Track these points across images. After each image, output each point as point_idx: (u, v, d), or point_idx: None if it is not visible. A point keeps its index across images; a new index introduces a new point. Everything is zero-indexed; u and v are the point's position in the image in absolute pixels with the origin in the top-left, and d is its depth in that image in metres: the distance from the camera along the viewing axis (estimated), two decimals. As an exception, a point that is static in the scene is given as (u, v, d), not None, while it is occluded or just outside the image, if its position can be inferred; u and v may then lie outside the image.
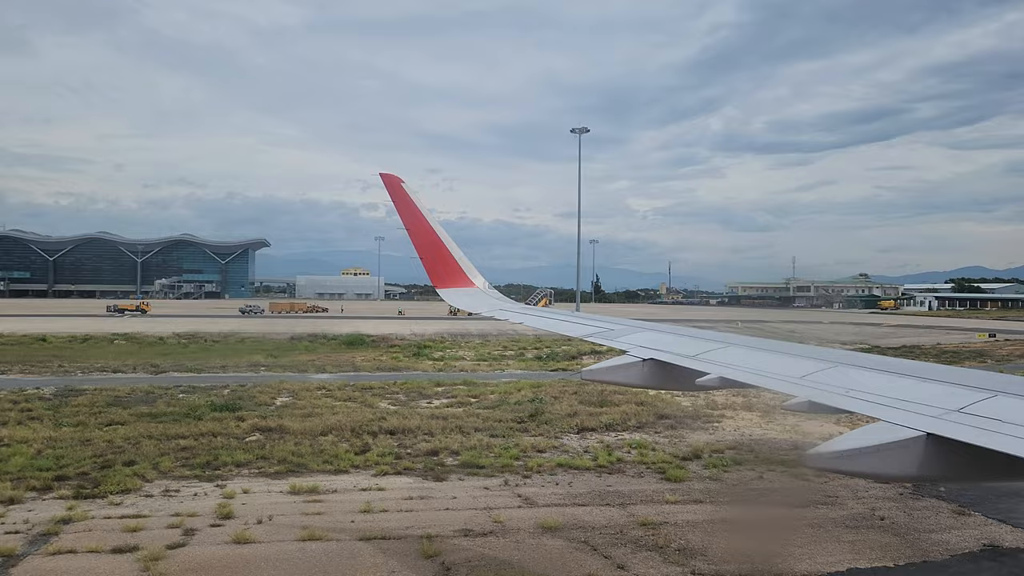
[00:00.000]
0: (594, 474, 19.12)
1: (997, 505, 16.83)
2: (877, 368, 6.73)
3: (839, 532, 14.63)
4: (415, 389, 35.01)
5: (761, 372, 7.15)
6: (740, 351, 8.14)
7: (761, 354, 7.97)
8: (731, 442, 23.74)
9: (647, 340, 9.38)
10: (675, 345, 8.86)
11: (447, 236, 14.62)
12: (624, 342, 9.51)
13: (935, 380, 6.10)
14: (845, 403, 5.94)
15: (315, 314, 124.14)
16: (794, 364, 7.14)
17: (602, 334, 10.44)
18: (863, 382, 6.31)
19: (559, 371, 47.10)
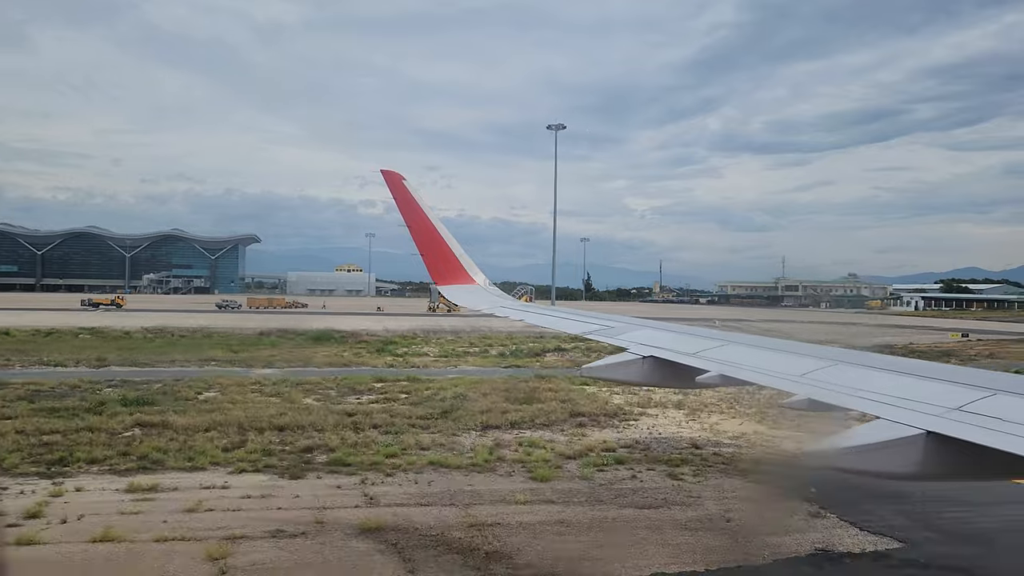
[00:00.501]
0: (463, 473, 18.55)
1: (860, 507, 16.31)
2: (877, 366, 6.62)
3: (674, 534, 14.07)
4: (352, 385, 34.41)
5: (761, 370, 7.07)
6: (740, 349, 8.01)
7: (761, 352, 7.85)
8: (630, 441, 23.21)
9: (647, 338, 9.31)
10: (675, 343, 8.75)
11: (448, 233, 14.37)
12: (624, 340, 9.41)
13: (935, 379, 6.04)
14: (845, 401, 5.91)
15: (294, 310, 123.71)
16: (794, 362, 7.03)
17: (602, 331, 10.32)
18: (863, 380, 6.23)
19: (512, 367, 46.64)
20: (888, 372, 6.43)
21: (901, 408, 5.49)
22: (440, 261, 14.23)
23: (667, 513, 15.54)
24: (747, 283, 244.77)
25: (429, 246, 14.15)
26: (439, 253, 14.20)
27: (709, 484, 18.02)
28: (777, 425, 27.40)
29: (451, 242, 14.60)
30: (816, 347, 7.79)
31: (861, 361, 6.98)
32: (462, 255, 14.64)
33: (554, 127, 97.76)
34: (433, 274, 14.54)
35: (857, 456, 5.15)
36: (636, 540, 13.64)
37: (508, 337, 70.64)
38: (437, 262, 14.23)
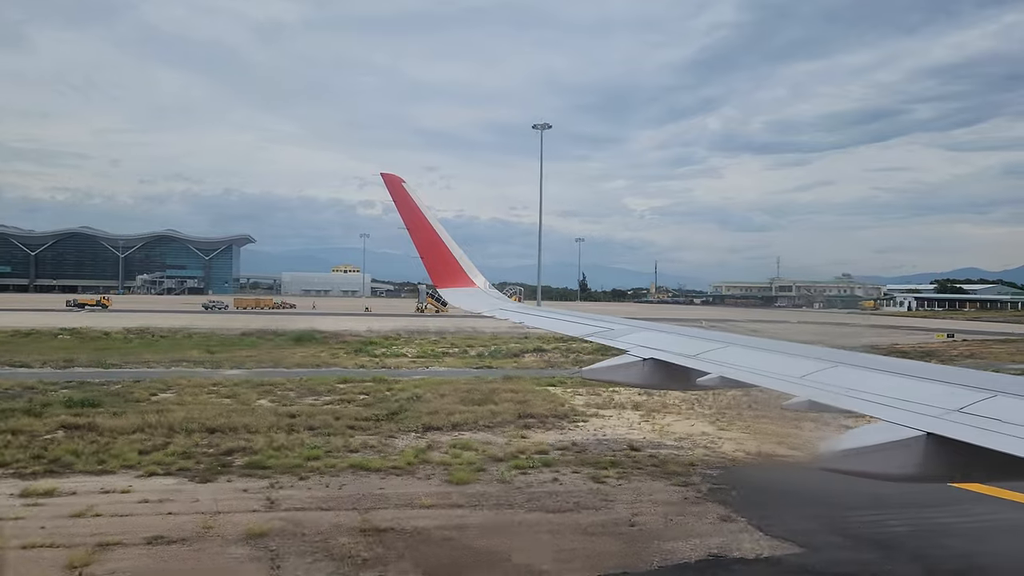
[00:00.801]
0: (380, 476, 18.17)
1: (777, 510, 15.94)
2: (877, 368, 6.62)
3: (570, 539, 13.68)
4: (314, 386, 33.98)
5: (761, 372, 7.05)
6: (741, 351, 7.99)
7: (761, 354, 7.84)
8: (569, 443, 22.83)
9: (648, 340, 9.24)
10: (676, 345, 8.68)
11: (448, 236, 14.36)
12: (625, 342, 9.35)
13: (935, 380, 6.03)
14: (845, 402, 5.91)
15: (281, 311, 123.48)
16: (794, 364, 7.01)
17: (602, 333, 10.27)
18: (863, 382, 6.22)
19: (484, 368, 46.29)
20: (888, 374, 6.41)
21: (901, 410, 5.47)
22: (440, 264, 14.27)
23: (573, 517, 15.15)
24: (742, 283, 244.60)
25: (429, 249, 14.18)
26: (439, 256, 14.24)
27: (630, 487, 17.64)
28: (728, 426, 27.08)
29: (451, 245, 14.60)
30: (817, 349, 7.79)
31: (861, 363, 6.96)
32: (462, 257, 14.64)
33: (539, 126, 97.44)
34: (433, 277, 14.57)
35: (857, 458, 5.13)
36: (526, 545, 13.26)
37: (492, 338, 70.40)
38: (437, 265, 14.27)
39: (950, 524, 15.45)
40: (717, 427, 26.83)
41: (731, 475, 19.25)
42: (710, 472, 19.51)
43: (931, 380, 6.12)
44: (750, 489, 17.73)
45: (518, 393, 32.89)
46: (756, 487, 18.04)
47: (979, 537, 14.60)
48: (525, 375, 41.02)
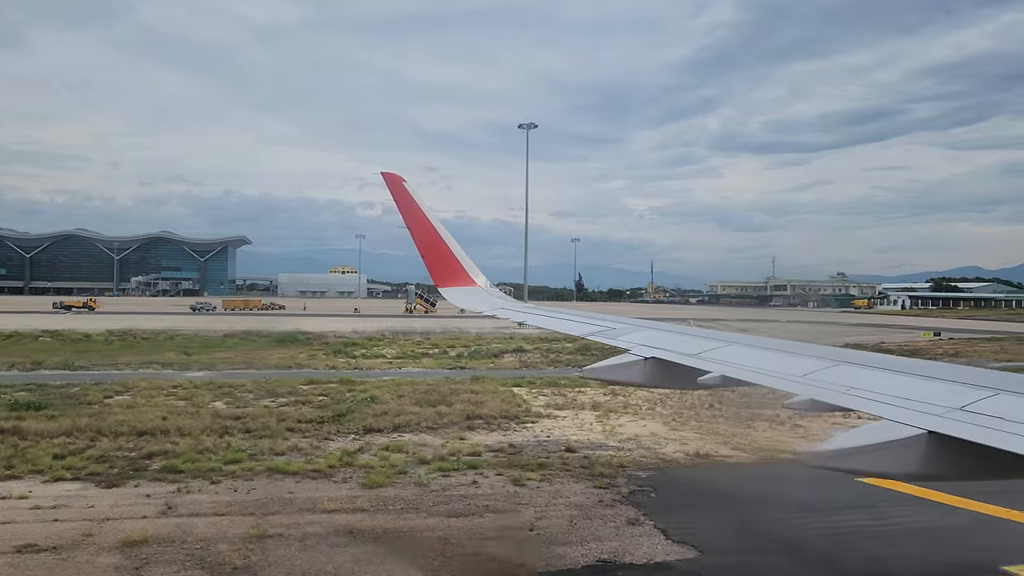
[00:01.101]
0: (296, 480, 17.73)
1: (687, 514, 15.51)
2: (879, 366, 6.61)
3: (458, 545, 13.22)
4: (276, 388, 33.56)
5: (763, 371, 7.04)
6: (742, 350, 7.97)
7: (763, 353, 7.81)
8: (507, 444, 22.38)
9: (649, 339, 9.17)
10: (677, 344, 8.65)
11: (449, 235, 14.28)
12: (626, 341, 9.27)
13: (937, 378, 6.01)
14: (847, 401, 5.86)
15: (270, 312, 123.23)
16: (796, 362, 7.01)
17: (604, 333, 10.19)
18: (865, 380, 6.20)
19: (457, 368, 45.92)
20: (889, 372, 6.40)
21: (903, 408, 5.44)
22: (441, 263, 14.20)
23: (474, 522, 14.70)
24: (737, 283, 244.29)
25: (430, 248, 14.12)
26: (440, 255, 14.18)
27: (549, 490, 17.20)
28: (680, 427, 26.64)
29: (452, 244, 14.52)
30: (818, 347, 7.74)
31: (863, 361, 6.94)
32: (463, 257, 14.56)
33: (525, 126, 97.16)
34: (434, 276, 14.45)
35: (859, 457, 5.12)
36: (408, 551, 12.83)
37: (476, 338, 70.16)
38: (438, 264, 14.20)
39: (864, 527, 15.01)
40: (669, 428, 26.41)
41: (660, 477, 18.81)
42: (639, 474, 19.07)
43: (932, 378, 6.07)
44: (673, 491, 17.31)
45: (478, 394, 32.49)
46: (680, 489, 17.60)
47: (888, 540, 14.15)
48: (496, 376, 40.59)
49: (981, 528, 14.94)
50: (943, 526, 15.04)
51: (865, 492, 17.43)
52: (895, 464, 5.07)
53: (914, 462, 5.00)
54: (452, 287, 14.39)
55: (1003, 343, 75.15)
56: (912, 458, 4.99)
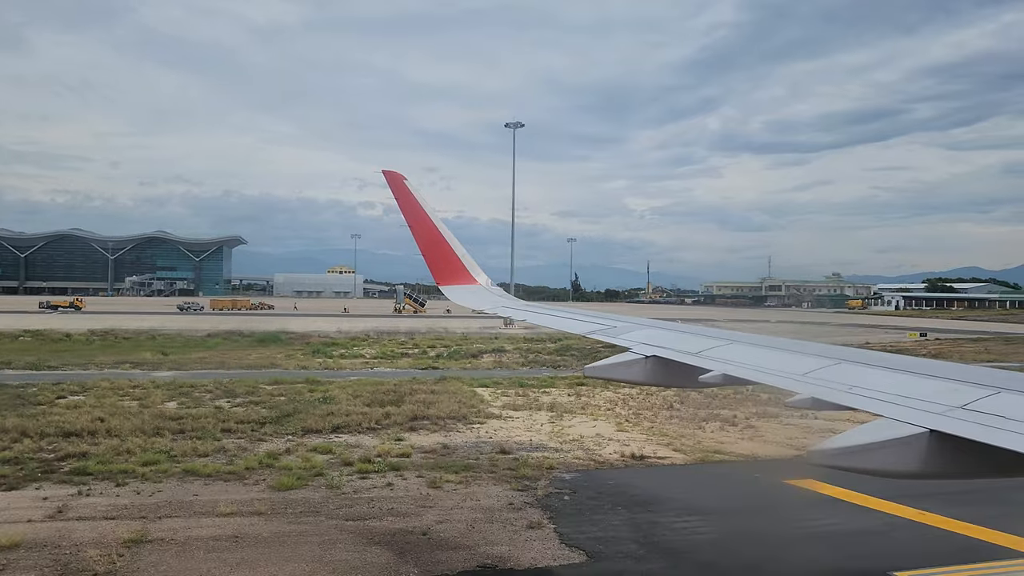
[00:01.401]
0: (205, 482, 17.36)
1: (593, 517, 15.09)
2: (880, 365, 6.65)
3: (344, 550, 12.83)
4: (238, 388, 33.16)
5: (764, 369, 7.09)
6: (743, 348, 8.02)
7: (764, 351, 7.86)
8: (441, 445, 21.98)
9: (650, 337, 9.24)
10: (678, 342, 8.72)
11: (450, 234, 14.32)
12: (627, 339, 9.36)
13: (938, 377, 6.04)
14: (848, 400, 5.90)
15: (259, 311, 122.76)
16: (797, 361, 7.06)
17: (604, 331, 10.28)
18: (866, 379, 6.24)
19: (430, 368, 45.58)
20: (891, 370, 6.42)
21: (904, 406, 5.47)
22: (442, 261, 14.23)
23: (371, 525, 14.32)
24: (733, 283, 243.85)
25: (431, 247, 14.17)
26: (441, 254, 14.22)
27: (464, 492, 16.81)
28: (631, 428, 26.22)
29: (453, 242, 14.55)
30: (820, 346, 7.75)
31: (864, 360, 6.97)
32: (464, 255, 14.58)
33: (512, 125, 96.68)
34: (435, 274, 14.41)
35: (861, 455, 5.13)
36: (285, 556, 12.43)
37: (462, 338, 70.04)
38: (439, 263, 14.21)
39: (766, 531, 14.66)
40: (619, 429, 26.05)
41: (583, 479, 18.44)
42: (564, 476, 18.67)
43: (934, 377, 6.09)
44: (589, 495, 16.91)
45: (437, 395, 32.17)
46: (597, 492, 17.19)
47: (783, 544, 13.79)
48: (469, 376, 40.25)
49: (886, 532, 14.64)
50: (847, 530, 14.72)
51: (784, 495, 17.17)
52: (897, 462, 5.09)
53: (916, 460, 5.02)
54: (453, 285, 14.40)
55: (988, 343, 74.78)
56: (914, 456, 5.02)
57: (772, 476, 19.00)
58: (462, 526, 14.27)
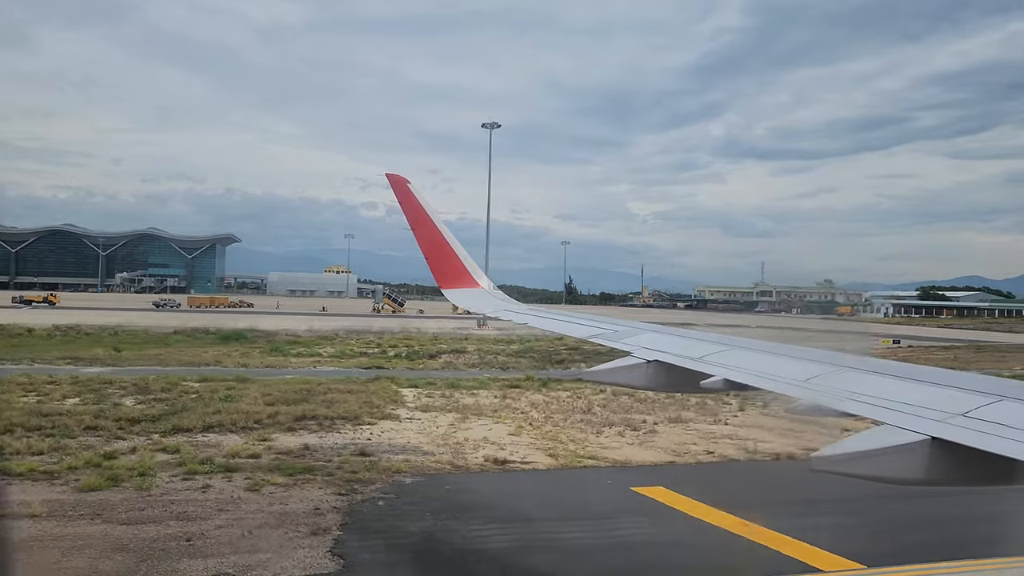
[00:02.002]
0: (12, 480, 16.57)
1: (391, 524, 14.22)
2: (882, 372, 6.70)
3: (86, 556, 11.97)
4: (156, 385, 32.30)
5: (766, 375, 7.13)
6: (745, 354, 8.10)
7: (766, 357, 7.89)
8: (303, 446, 21.12)
9: (652, 342, 9.26)
10: (680, 347, 8.78)
11: (452, 237, 14.55)
12: (628, 343, 9.38)
13: (939, 384, 6.09)
14: (849, 406, 5.95)
15: (236, 309, 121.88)
16: (799, 367, 7.13)
17: (606, 335, 10.32)
18: (868, 386, 6.28)
19: (375, 368, 44.82)
20: (893, 377, 6.44)
21: (906, 413, 5.50)
22: (444, 264, 14.36)
23: (143, 530, 13.46)
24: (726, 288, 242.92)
25: (433, 250, 14.31)
26: (443, 257, 14.36)
27: (276, 496, 16.00)
28: (529, 431, 25.34)
29: (455, 246, 14.65)
30: (823, 352, 7.74)
31: (866, 366, 6.99)
32: (466, 258, 14.67)
33: (488, 125, 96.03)
34: (437, 277, 14.51)
35: (862, 461, 5.13)
36: (22, 563, 11.54)
37: (432, 339, 69.61)
38: (441, 265, 14.35)
39: (564, 538, 13.84)
40: (511, 432, 25.25)
41: (423, 484, 17.66)
42: (405, 480, 17.83)
43: (935, 384, 6.10)
44: (412, 500, 16.14)
45: (354, 393, 31.52)
46: (424, 497, 16.39)
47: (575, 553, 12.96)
48: (411, 376, 39.58)
49: (681, 542, 14.06)
50: (642, 540, 14.10)
51: (615, 502, 16.56)
52: (899, 469, 5.10)
53: (918, 467, 5.05)
54: (455, 288, 14.50)
55: (959, 351, 74.15)
56: (916, 463, 5.04)
57: (624, 483, 18.22)
58: (239, 532, 13.40)
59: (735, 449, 23.38)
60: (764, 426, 27.82)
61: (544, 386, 37.86)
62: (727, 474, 20.51)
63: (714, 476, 20.02)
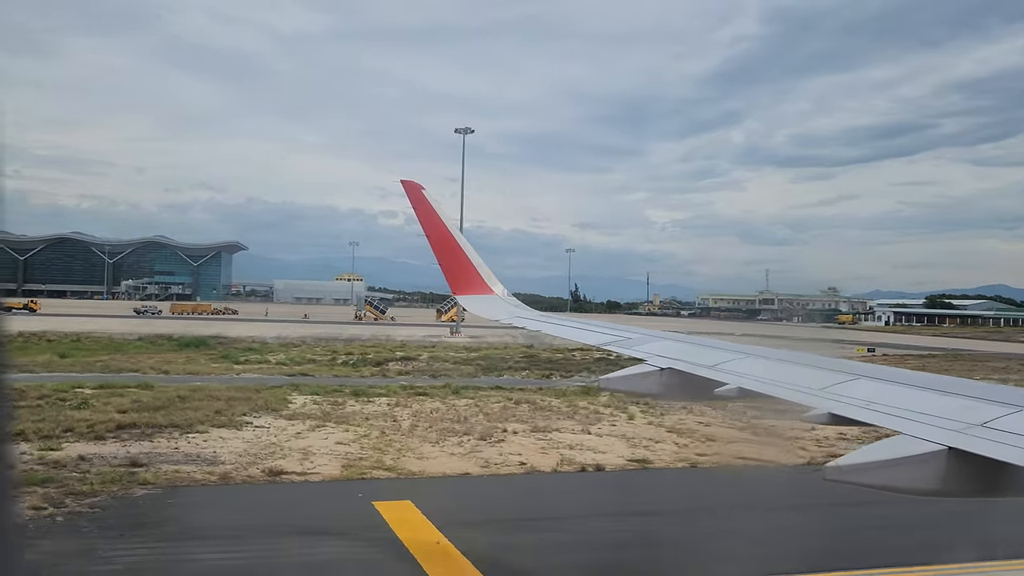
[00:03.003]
0: None
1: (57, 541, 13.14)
2: (899, 381, 6.67)
3: None
4: (32, 392, 31.62)
5: (780, 383, 7.09)
6: (760, 362, 8.02)
7: (781, 365, 7.87)
8: (83, 457, 20.19)
9: (665, 349, 9.21)
10: (694, 355, 8.72)
11: (467, 243, 14.65)
12: (642, 351, 9.32)
13: (958, 394, 6.04)
14: (865, 415, 5.94)
15: (218, 316, 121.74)
16: (814, 376, 7.06)
17: (619, 343, 10.30)
18: (884, 395, 6.24)
19: (302, 375, 44.15)
20: (910, 387, 6.37)
21: (923, 423, 5.40)
22: (458, 271, 14.33)
23: None
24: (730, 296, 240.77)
25: (448, 257, 14.30)
26: (458, 264, 14.35)
27: None
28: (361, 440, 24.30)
29: (470, 252, 14.63)
30: (838, 361, 7.69)
31: (883, 376, 6.95)
32: (481, 265, 14.62)
33: (461, 131, 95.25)
34: (451, 284, 14.56)
35: (875, 471, 5.06)
36: None
37: (399, 346, 69.24)
38: (456, 272, 14.33)
39: (235, 555, 12.68)
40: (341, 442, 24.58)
41: (160, 497, 16.78)
42: (137, 493, 17.07)
43: (953, 394, 6.01)
44: (108, 516, 15.32)
45: (228, 401, 30.85)
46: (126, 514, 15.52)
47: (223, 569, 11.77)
48: (334, 383, 38.99)
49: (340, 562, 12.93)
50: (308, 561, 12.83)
51: (336, 518, 15.74)
52: (914, 479, 5.02)
53: (934, 478, 4.95)
54: (469, 295, 14.44)
55: (934, 360, 72.54)
56: (932, 474, 4.95)
57: (374, 496, 17.28)
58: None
59: (556, 461, 22.29)
60: (635, 436, 26.62)
61: (455, 393, 36.95)
62: (498, 487, 19.87)
63: (482, 489, 19.40)
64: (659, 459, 23.13)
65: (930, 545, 14.62)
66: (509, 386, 40.35)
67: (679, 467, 22.45)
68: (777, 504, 17.28)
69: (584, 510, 17.77)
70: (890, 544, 14.78)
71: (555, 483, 20.36)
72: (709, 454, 23.89)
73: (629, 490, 20.09)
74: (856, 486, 5.11)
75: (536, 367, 54.31)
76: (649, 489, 20.32)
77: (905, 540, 15.12)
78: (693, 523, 16.70)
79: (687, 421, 30.10)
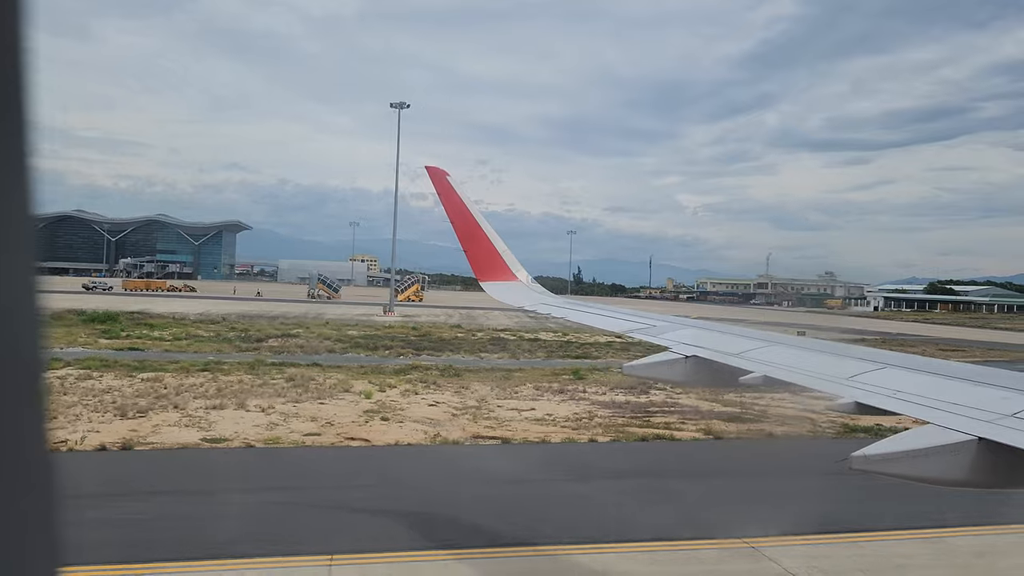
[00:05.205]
0: None
1: None
2: (927, 370, 6.58)
3: None
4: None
5: (807, 372, 7.02)
6: (786, 350, 7.95)
7: (807, 354, 7.80)
8: None
9: (690, 337, 9.28)
10: (718, 343, 8.75)
11: (491, 229, 14.71)
12: (667, 339, 9.38)
13: (988, 384, 5.96)
14: (893, 405, 5.85)
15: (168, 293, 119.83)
16: (841, 364, 7.00)
17: (644, 330, 10.27)
18: (912, 384, 6.14)
19: (128, 349, 42.41)
20: (938, 376, 6.20)
21: (951, 413, 5.26)
22: (482, 257, 14.45)
23: None
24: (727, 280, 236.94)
25: (472, 242, 14.37)
26: (482, 250, 14.46)
27: None
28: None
29: (494, 238, 14.67)
30: (865, 349, 7.45)
31: (909, 364, 6.79)
32: (504, 251, 14.67)
33: (396, 105, 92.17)
34: (475, 270, 14.58)
35: (902, 461, 4.94)
36: None
37: (322, 323, 69.20)
38: (479, 258, 14.44)
39: None
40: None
41: None
42: None
43: (983, 384, 5.87)
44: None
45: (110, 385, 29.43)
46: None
47: None
48: (187, 359, 38.36)
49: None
50: None
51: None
52: (944, 470, 4.84)
53: (963, 468, 4.79)
54: (493, 281, 14.49)
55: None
56: (962, 464, 4.79)
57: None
58: None
59: (203, 433, 21.82)
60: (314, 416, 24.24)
61: (254, 369, 35.65)
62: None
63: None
64: (239, 438, 22.02)
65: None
66: (333, 364, 39.46)
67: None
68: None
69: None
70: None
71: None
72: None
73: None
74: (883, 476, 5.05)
75: (411, 346, 52.75)
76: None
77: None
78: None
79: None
